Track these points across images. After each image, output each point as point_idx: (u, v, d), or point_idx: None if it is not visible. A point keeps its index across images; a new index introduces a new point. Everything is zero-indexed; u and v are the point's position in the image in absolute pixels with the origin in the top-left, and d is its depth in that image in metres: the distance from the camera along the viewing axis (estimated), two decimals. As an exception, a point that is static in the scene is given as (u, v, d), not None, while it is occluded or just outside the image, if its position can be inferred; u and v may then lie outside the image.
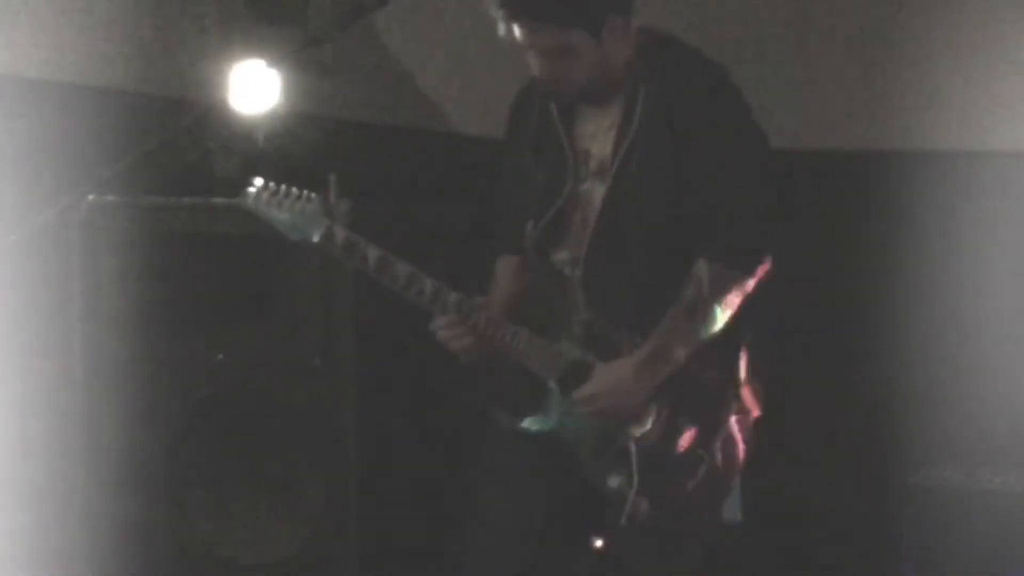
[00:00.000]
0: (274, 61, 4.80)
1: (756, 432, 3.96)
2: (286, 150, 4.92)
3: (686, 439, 3.81)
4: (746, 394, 3.89)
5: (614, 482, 3.81)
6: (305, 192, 3.79)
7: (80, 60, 4.83)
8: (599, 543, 3.91)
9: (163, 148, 4.55)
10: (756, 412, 3.93)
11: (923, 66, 5.74)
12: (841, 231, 5.77)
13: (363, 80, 5.46)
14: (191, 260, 4.65)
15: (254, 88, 4.77)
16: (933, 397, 5.53)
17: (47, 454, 4.54)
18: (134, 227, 4.60)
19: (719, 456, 3.84)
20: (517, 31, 3.76)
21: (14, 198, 4.55)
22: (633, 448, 3.80)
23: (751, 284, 3.81)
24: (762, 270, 3.82)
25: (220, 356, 4.72)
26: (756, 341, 3.94)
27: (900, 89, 5.77)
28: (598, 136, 3.86)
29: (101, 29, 4.87)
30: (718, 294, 3.77)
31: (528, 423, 3.88)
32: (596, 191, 3.85)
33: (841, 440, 5.71)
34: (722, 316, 3.79)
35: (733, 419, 3.86)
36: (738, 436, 3.88)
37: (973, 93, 5.68)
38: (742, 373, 3.89)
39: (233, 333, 4.76)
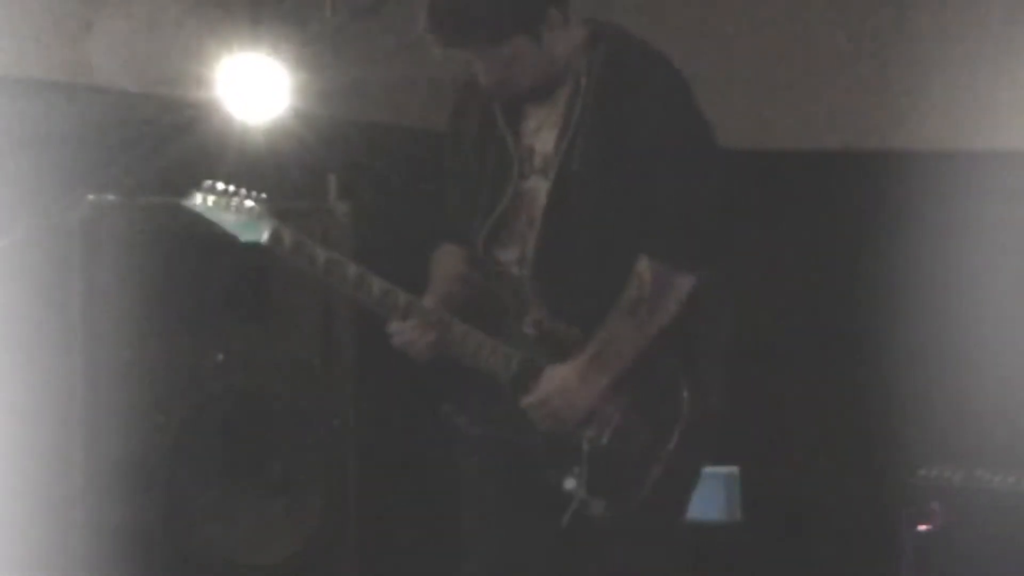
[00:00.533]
0: (274, 60, 4.81)
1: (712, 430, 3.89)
2: (286, 150, 4.92)
3: (641, 437, 3.75)
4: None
5: (569, 483, 3.76)
6: (253, 192, 3.72)
7: (80, 60, 4.83)
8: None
9: (163, 148, 4.55)
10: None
11: (923, 66, 5.74)
12: (841, 231, 5.77)
13: (363, 80, 5.46)
14: (191, 260, 4.65)
15: (254, 88, 4.79)
16: (933, 397, 5.53)
17: (47, 455, 4.53)
18: (134, 227, 4.60)
19: (677, 453, 3.75)
20: (458, 53, 3.70)
21: (14, 198, 4.54)
22: (585, 448, 3.75)
23: (693, 282, 3.72)
24: (704, 268, 3.74)
25: (220, 356, 4.72)
26: (712, 337, 3.88)
27: (900, 89, 5.77)
28: (542, 132, 3.78)
29: (101, 29, 4.86)
30: (660, 292, 3.69)
31: (483, 425, 3.84)
32: (541, 188, 3.76)
33: (841, 440, 5.72)
34: (666, 315, 3.71)
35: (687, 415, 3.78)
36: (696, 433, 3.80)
37: (973, 93, 5.68)
38: (698, 369, 3.81)
39: (233, 333, 4.75)
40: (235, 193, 3.73)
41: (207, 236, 4.49)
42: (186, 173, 4.48)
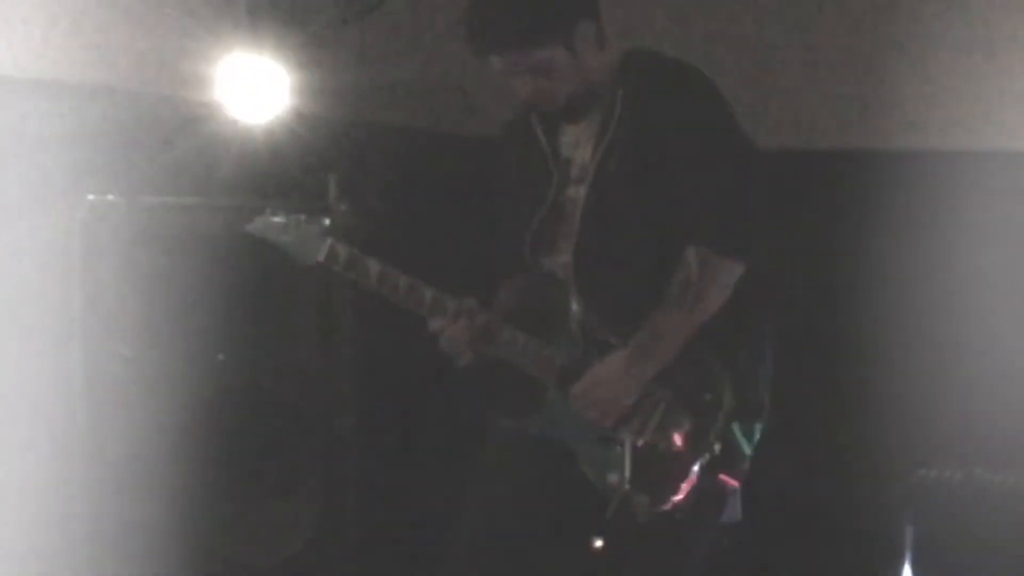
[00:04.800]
0: (274, 61, 4.81)
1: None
2: (286, 150, 4.92)
3: (683, 434, 3.80)
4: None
5: (611, 479, 3.81)
6: (306, 216, 3.90)
7: (80, 60, 4.82)
8: (598, 543, 3.90)
9: (163, 148, 4.55)
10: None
11: (924, 66, 5.74)
12: (841, 231, 5.77)
13: (363, 80, 5.46)
14: (191, 260, 4.65)
15: (254, 88, 4.79)
16: (933, 397, 5.53)
17: (47, 455, 4.53)
18: (134, 227, 4.60)
19: (722, 444, 3.81)
20: (495, 62, 3.84)
21: (14, 198, 4.54)
22: (628, 443, 3.80)
23: (741, 270, 3.80)
24: (750, 256, 3.81)
25: (220, 356, 4.72)
26: (754, 331, 3.92)
27: (900, 89, 5.77)
28: (580, 144, 3.93)
29: (101, 29, 4.86)
30: (708, 280, 3.77)
31: (527, 425, 3.90)
32: (579, 195, 3.90)
33: (841, 440, 5.71)
34: (713, 303, 3.78)
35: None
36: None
37: (973, 93, 5.68)
38: (740, 366, 3.87)
39: (233, 333, 4.76)
40: (291, 217, 3.91)
41: (207, 236, 4.51)
42: (186, 173, 4.49)
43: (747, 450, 3.89)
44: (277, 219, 3.91)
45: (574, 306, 3.88)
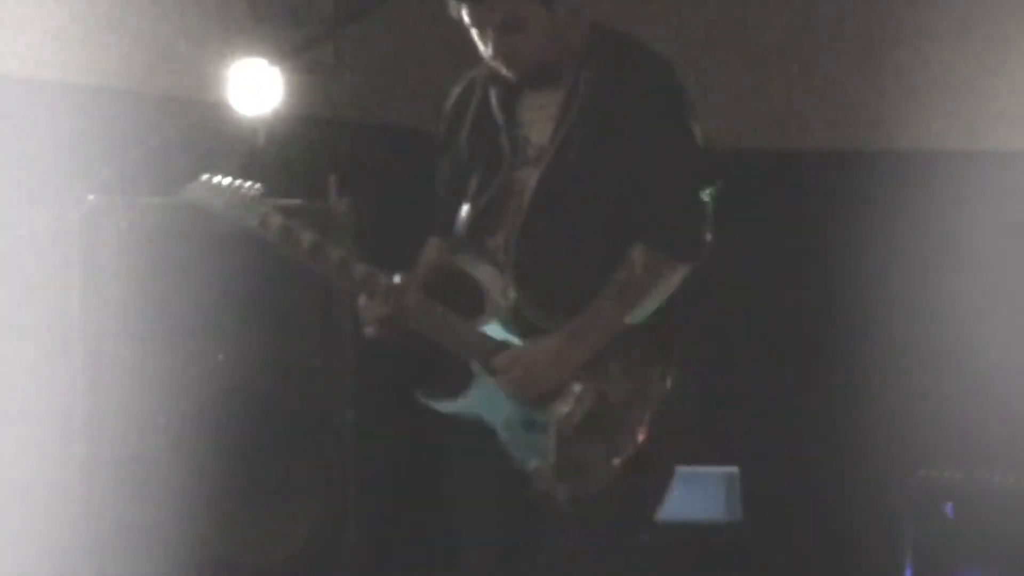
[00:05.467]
0: (274, 61, 4.81)
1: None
2: (286, 150, 4.92)
3: (611, 423, 3.74)
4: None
5: (533, 465, 3.76)
6: (247, 182, 3.84)
7: (80, 60, 4.83)
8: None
9: (163, 148, 4.55)
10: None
11: (924, 66, 5.74)
12: (841, 231, 5.77)
13: (363, 80, 5.46)
14: (191, 260, 4.65)
15: (254, 88, 4.79)
16: (933, 397, 5.53)
17: (47, 455, 4.53)
18: (134, 227, 4.60)
19: (649, 443, 3.74)
20: (466, 9, 3.76)
21: (14, 198, 4.54)
22: (553, 430, 3.75)
23: (684, 272, 3.77)
24: (698, 260, 3.78)
25: (220, 356, 4.72)
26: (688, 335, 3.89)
27: (900, 89, 5.77)
28: (537, 123, 3.84)
29: (101, 29, 4.86)
30: (651, 279, 3.74)
31: (452, 406, 3.85)
32: (531, 177, 3.82)
33: (841, 440, 5.72)
34: (653, 302, 3.76)
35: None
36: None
37: (973, 93, 5.69)
38: (674, 359, 3.82)
39: (233, 333, 4.75)
40: (229, 183, 3.85)
41: (207, 236, 4.50)
42: (187, 173, 4.49)
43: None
44: (213, 183, 3.84)
45: (511, 291, 3.80)
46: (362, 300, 3.83)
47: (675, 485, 3.90)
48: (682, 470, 3.91)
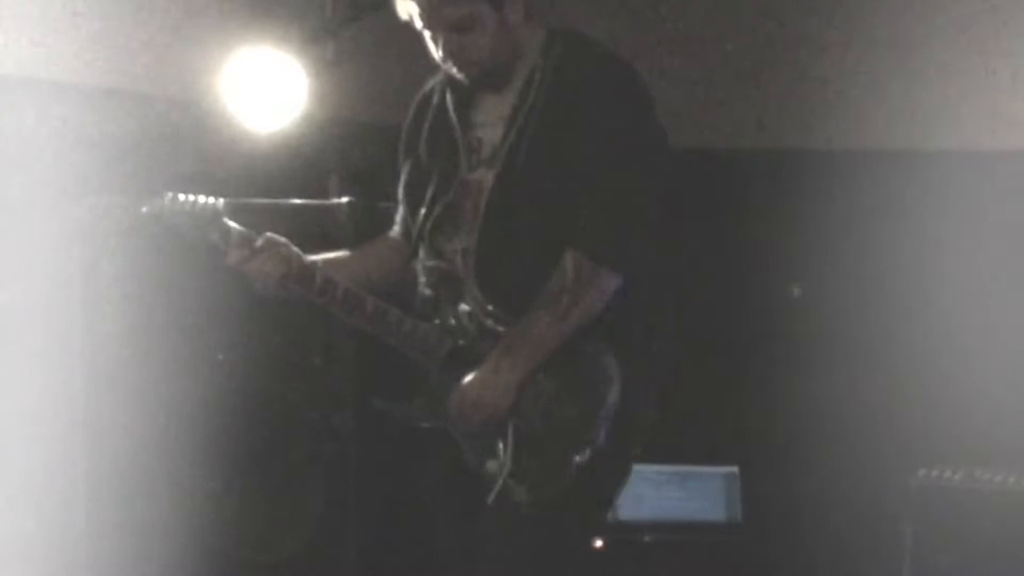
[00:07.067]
0: (275, 61, 4.81)
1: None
2: (288, 150, 4.92)
3: (568, 421, 3.73)
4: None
5: (491, 466, 3.76)
6: (207, 198, 3.80)
7: (80, 60, 4.83)
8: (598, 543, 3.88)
9: (164, 149, 4.55)
10: None
11: (924, 66, 5.75)
12: (840, 231, 5.78)
13: (363, 80, 5.46)
14: (191, 260, 4.64)
15: (255, 89, 4.79)
16: (933, 397, 5.53)
17: (47, 455, 4.54)
18: (134, 227, 4.59)
19: (606, 440, 3.72)
20: (417, 10, 3.74)
21: (14, 198, 4.54)
22: (510, 430, 3.74)
23: (618, 281, 3.72)
24: (622, 267, 3.73)
25: (220, 356, 4.72)
26: (647, 336, 3.85)
27: (900, 89, 5.77)
28: (489, 124, 3.82)
29: (101, 29, 4.87)
30: (582, 286, 3.69)
31: (407, 410, 3.85)
32: (486, 179, 3.79)
33: (841, 440, 5.72)
34: (588, 310, 3.70)
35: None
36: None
37: (974, 93, 5.69)
38: (631, 365, 3.78)
39: (233, 333, 4.75)
40: (187, 199, 3.81)
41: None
42: (187, 173, 4.49)
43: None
44: (172, 201, 3.79)
45: (468, 294, 3.78)
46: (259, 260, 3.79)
47: (675, 485, 3.91)
48: (682, 470, 3.91)
